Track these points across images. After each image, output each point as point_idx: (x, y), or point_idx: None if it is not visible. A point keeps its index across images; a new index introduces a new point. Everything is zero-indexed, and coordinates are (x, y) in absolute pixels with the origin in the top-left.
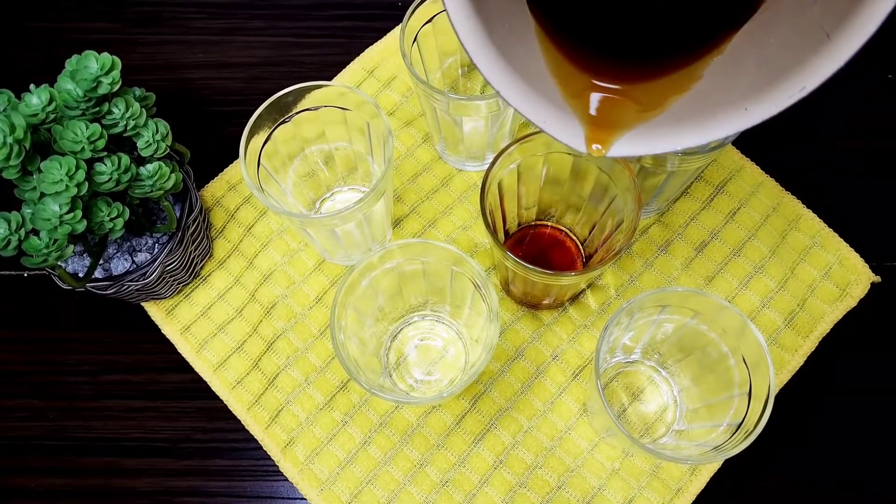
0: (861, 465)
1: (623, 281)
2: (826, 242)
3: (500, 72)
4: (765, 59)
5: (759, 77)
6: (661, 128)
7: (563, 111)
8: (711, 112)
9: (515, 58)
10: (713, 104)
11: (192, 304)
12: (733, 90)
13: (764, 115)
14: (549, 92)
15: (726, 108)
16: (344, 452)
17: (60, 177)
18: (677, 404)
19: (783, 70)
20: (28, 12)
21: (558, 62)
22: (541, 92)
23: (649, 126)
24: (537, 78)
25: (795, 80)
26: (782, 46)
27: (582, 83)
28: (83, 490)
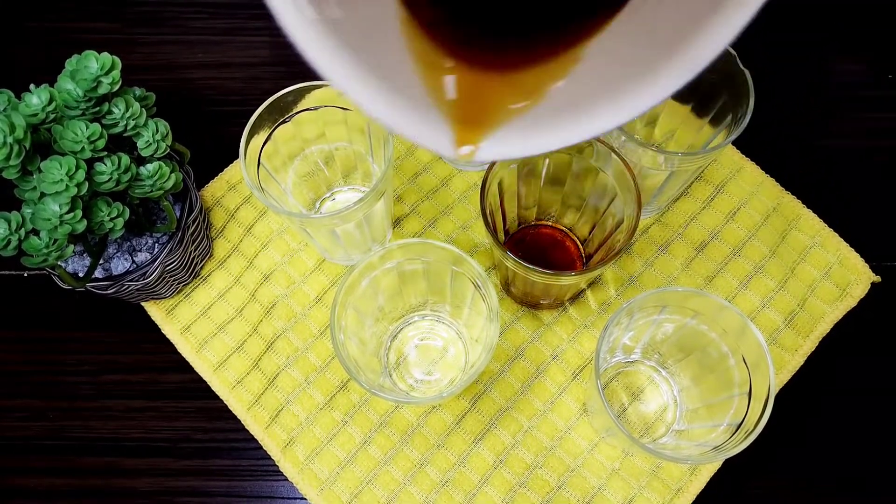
0: (861, 465)
1: (623, 281)
2: (826, 242)
3: (344, 66)
4: (650, 37)
5: (643, 58)
6: (537, 123)
7: (427, 110)
8: (591, 102)
9: (365, 47)
10: (593, 92)
11: (192, 303)
12: (616, 74)
13: (650, 102)
14: (409, 89)
15: (607, 97)
16: (344, 452)
17: (60, 177)
18: (677, 404)
19: (668, 49)
20: (28, 12)
21: (421, 50)
22: (399, 89)
23: (525, 121)
24: (394, 72)
25: (679, 62)
26: (667, 21)
27: (447, 72)
28: (83, 490)
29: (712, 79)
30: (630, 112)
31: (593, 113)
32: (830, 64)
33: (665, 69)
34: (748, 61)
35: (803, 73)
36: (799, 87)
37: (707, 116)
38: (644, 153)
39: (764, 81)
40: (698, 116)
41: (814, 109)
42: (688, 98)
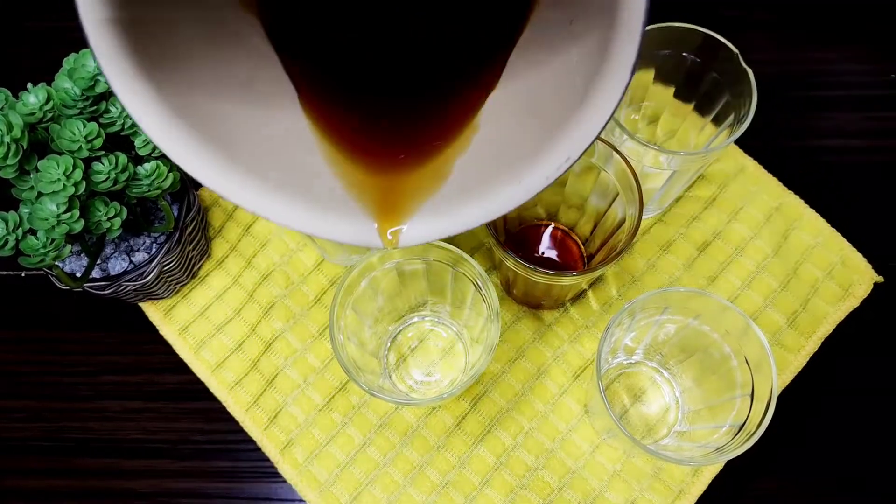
0: (864, 467)
1: (625, 281)
2: (829, 242)
3: (255, 189)
4: (534, 118)
5: (529, 139)
6: (450, 203)
7: (349, 211)
8: (493, 181)
9: (274, 159)
10: (492, 170)
11: (191, 304)
12: (510, 150)
13: (538, 185)
14: (328, 195)
15: (505, 175)
16: (343, 454)
17: (58, 176)
18: (679, 405)
19: (548, 135)
20: (26, 11)
21: (333, 154)
22: (319, 198)
23: (439, 202)
24: (312, 183)
25: (558, 149)
26: (546, 107)
27: (360, 163)
28: (81, 491)
29: (715, 77)
30: (532, 187)
31: (492, 198)
32: (833, 63)
33: (560, 136)
34: (751, 60)
35: (805, 73)
36: (801, 87)
37: (709, 116)
38: (646, 152)
39: (766, 80)
40: (700, 116)
41: (816, 109)
42: (690, 97)
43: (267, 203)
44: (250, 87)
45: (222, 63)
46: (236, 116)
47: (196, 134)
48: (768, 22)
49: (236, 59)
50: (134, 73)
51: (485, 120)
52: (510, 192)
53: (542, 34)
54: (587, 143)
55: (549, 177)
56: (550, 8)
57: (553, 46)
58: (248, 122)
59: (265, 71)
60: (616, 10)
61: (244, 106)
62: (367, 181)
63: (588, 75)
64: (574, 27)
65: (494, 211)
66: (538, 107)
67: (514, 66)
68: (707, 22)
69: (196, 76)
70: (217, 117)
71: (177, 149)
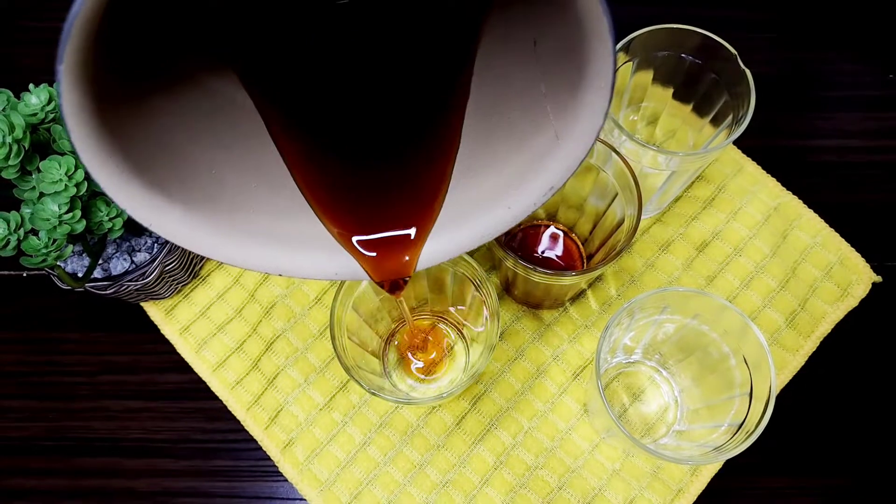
0: (863, 466)
1: (624, 281)
2: (827, 242)
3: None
4: (516, 147)
5: (514, 167)
6: (441, 231)
7: (335, 248)
8: (480, 208)
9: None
10: (480, 198)
11: (192, 304)
12: (496, 177)
13: (526, 210)
14: (316, 235)
15: (492, 203)
16: (344, 453)
17: (59, 176)
18: (678, 405)
19: (531, 164)
20: (26, 11)
21: (314, 189)
22: (308, 241)
23: (438, 231)
24: (299, 225)
25: (542, 178)
26: (525, 136)
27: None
28: (82, 491)
29: (713, 78)
30: (520, 213)
31: (488, 216)
32: (831, 64)
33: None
34: (749, 61)
35: (804, 73)
36: (799, 87)
37: (708, 116)
38: (645, 153)
39: (765, 81)
40: (699, 116)
41: (814, 109)
42: (689, 97)
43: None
44: (233, 140)
45: (200, 115)
46: (225, 177)
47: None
48: (767, 23)
49: (214, 111)
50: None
51: (460, 171)
52: (500, 216)
53: (506, 58)
54: (569, 174)
55: (535, 203)
56: (508, 25)
57: (521, 73)
58: (238, 179)
59: (242, 115)
60: (582, 21)
61: (231, 163)
62: (355, 222)
63: (563, 104)
64: (539, 49)
65: (484, 237)
66: (520, 136)
67: (488, 93)
68: (706, 23)
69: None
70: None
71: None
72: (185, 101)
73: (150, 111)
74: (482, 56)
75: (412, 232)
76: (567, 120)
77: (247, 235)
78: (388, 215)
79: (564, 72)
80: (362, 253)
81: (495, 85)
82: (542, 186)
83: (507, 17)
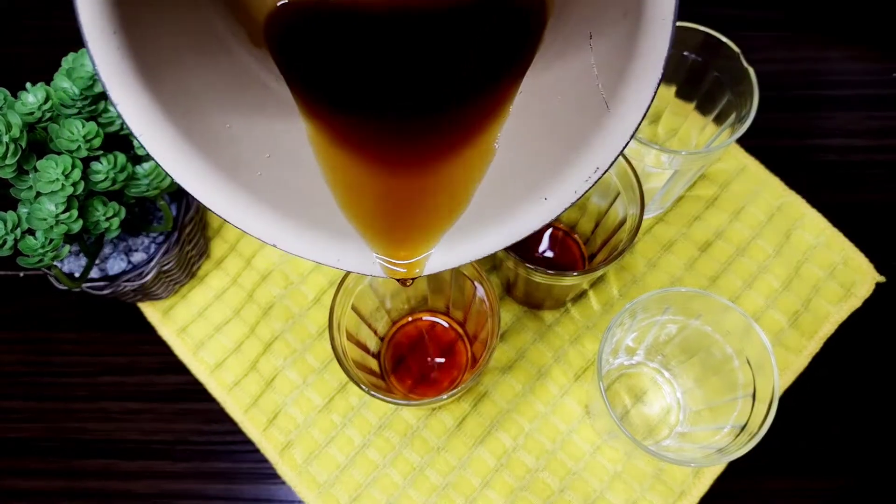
0: (867, 468)
1: (626, 281)
2: (830, 242)
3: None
4: (553, 135)
5: (550, 156)
6: (467, 232)
7: (350, 237)
8: (513, 202)
9: (277, 185)
10: (513, 192)
11: (189, 304)
12: (530, 170)
13: (565, 201)
14: (326, 219)
15: (526, 195)
16: (343, 455)
17: (56, 176)
18: (680, 406)
19: (572, 147)
20: (25, 10)
21: (339, 174)
22: (316, 222)
23: (455, 233)
24: (309, 205)
25: (586, 160)
26: (567, 120)
27: (369, 192)
28: (79, 492)
29: (716, 77)
30: (560, 203)
31: (512, 219)
32: (835, 62)
33: (586, 146)
34: (752, 59)
35: (807, 72)
36: (803, 86)
37: (711, 115)
38: (647, 152)
39: (768, 80)
40: (702, 115)
41: (818, 108)
42: (691, 96)
43: (267, 227)
44: (258, 111)
45: (227, 84)
46: (241, 139)
47: (199, 154)
48: (770, 21)
49: (243, 85)
50: (138, 87)
51: (502, 145)
52: (534, 212)
53: (559, 52)
54: (619, 149)
55: (577, 191)
56: (566, 25)
57: (572, 61)
58: (253, 145)
59: (272, 95)
60: (643, 5)
61: (249, 128)
62: (374, 213)
63: (613, 78)
64: (595, 41)
65: (516, 234)
66: (559, 122)
67: (531, 86)
68: (708, 21)
69: (202, 98)
70: (221, 138)
71: (178, 167)
72: (213, 64)
73: (172, 49)
74: (539, 55)
75: (436, 233)
76: (623, 82)
77: (246, 191)
78: (416, 212)
79: (618, 36)
80: (384, 257)
81: (544, 79)
82: (586, 170)
83: (563, 22)
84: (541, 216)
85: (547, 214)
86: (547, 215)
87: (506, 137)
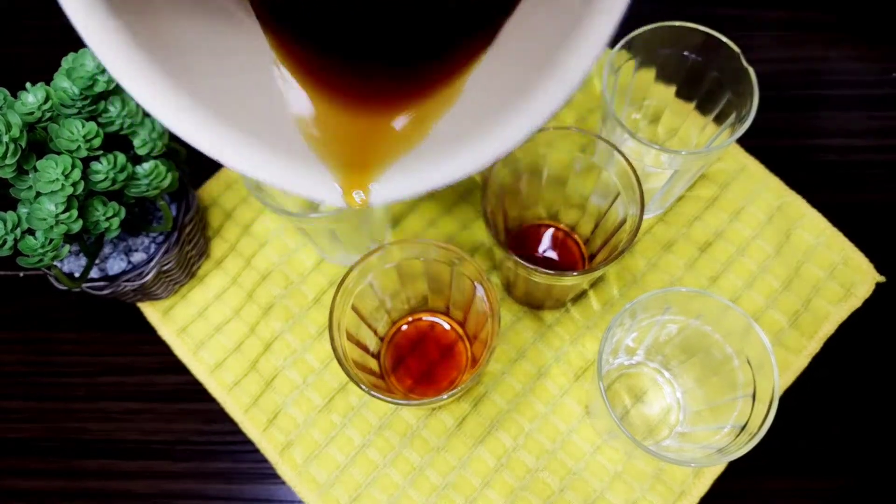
0: (867, 468)
1: (626, 281)
2: (831, 242)
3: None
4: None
5: (517, 84)
6: (423, 159)
7: (306, 159)
8: (476, 132)
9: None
10: (474, 125)
11: (189, 304)
12: (494, 104)
13: (526, 129)
14: (288, 143)
15: (487, 128)
16: (343, 455)
17: (56, 176)
18: (680, 406)
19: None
20: (24, 10)
21: (299, 101)
22: (277, 145)
23: (412, 160)
24: (271, 128)
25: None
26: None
27: (329, 116)
28: (79, 492)
29: (716, 77)
30: (511, 141)
31: (476, 146)
32: (835, 62)
33: (539, 92)
34: (752, 59)
35: (807, 72)
36: (803, 86)
37: (711, 115)
38: (647, 152)
39: (768, 79)
40: (702, 115)
41: (818, 108)
42: (691, 96)
43: (223, 144)
44: (219, 29)
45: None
46: (200, 52)
47: (157, 66)
48: (770, 21)
49: (207, 9)
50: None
51: (471, 84)
52: (498, 136)
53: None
54: (589, 62)
55: (543, 113)
56: None
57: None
58: (213, 61)
59: (235, 20)
60: None
61: (210, 44)
62: (334, 137)
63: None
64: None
65: (478, 162)
66: (530, 52)
67: (508, 28)
68: (708, 21)
69: (165, 14)
70: (180, 50)
71: (139, 85)
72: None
73: None
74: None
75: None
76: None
77: (196, 99)
78: (377, 142)
79: None
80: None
81: (522, 19)
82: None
83: None
84: (503, 143)
85: (511, 140)
86: (511, 140)
87: (474, 79)
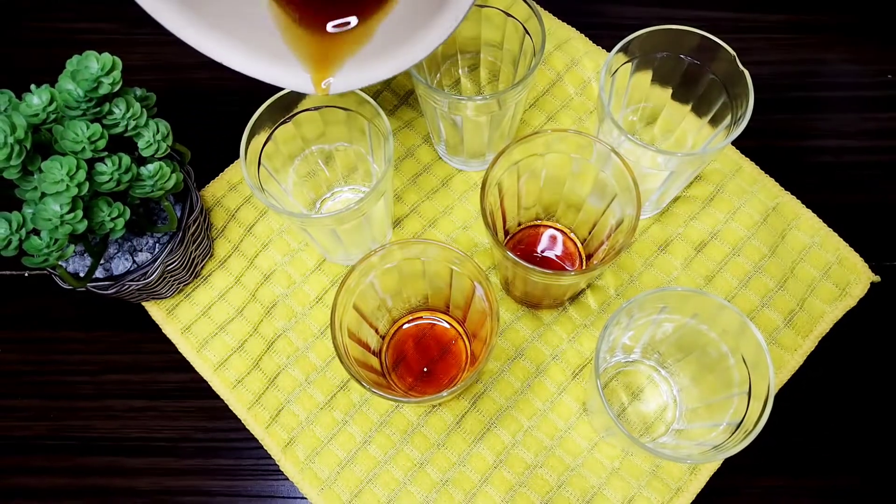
0: (861, 466)
1: (623, 281)
2: (825, 242)
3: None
4: None
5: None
6: (370, 58)
7: (289, 60)
8: (409, 34)
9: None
10: (410, 26)
11: (193, 303)
12: (424, 9)
13: (448, 28)
14: (268, 43)
15: (420, 28)
16: (344, 452)
17: (61, 177)
18: (677, 404)
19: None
20: (28, 12)
21: (280, 16)
22: (260, 44)
23: (362, 57)
24: (258, 34)
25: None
26: None
27: (300, 29)
28: (84, 489)
29: (712, 79)
30: (438, 37)
31: (411, 43)
32: (830, 64)
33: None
34: (748, 62)
35: (802, 74)
36: (798, 88)
37: (707, 116)
38: (644, 153)
39: (763, 82)
40: (698, 116)
41: (813, 110)
42: (687, 98)
43: (211, 40)
44: None
45: None
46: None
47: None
48: (765, 23)
49: None
50: None
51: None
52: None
53: None
54: None
55: (457, 17)
56: None
57: None
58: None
59: None
60: None
61: None
62: (304, 39)
63: None
64: None
65: (416, 55)
66: None
67: None
68: (704, 23)
69: None
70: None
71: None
72: None
73: None
74: None
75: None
76: None
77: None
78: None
79: None
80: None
81: None
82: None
83: None
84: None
85: (438, 36)
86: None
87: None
